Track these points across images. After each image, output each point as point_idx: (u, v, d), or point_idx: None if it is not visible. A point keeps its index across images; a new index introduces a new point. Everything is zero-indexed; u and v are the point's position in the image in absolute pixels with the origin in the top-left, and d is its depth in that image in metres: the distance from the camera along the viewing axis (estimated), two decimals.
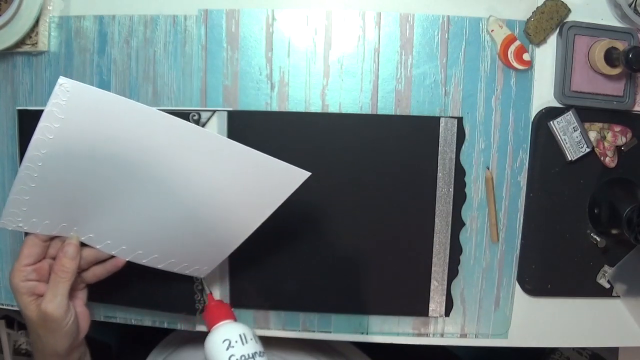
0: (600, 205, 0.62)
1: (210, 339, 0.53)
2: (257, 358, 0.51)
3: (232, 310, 0.57)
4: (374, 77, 0.62)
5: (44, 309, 0.49)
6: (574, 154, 0.61)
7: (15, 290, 0.50)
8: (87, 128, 0.44)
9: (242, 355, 0.51)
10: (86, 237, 0.53)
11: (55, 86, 0.41)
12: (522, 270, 0.64)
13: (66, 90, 0.41)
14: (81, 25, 0.63)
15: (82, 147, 0.45)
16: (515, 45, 0.60)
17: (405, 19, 0.61)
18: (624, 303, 0.66)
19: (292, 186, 0.51)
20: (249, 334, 0.53)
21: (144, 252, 0.55)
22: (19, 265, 0.50)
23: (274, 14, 0.61)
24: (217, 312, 0.56)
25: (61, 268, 0.50)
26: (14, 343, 1.01)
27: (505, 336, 0.66)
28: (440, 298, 0.64)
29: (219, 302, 0.58)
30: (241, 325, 0.54)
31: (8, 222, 0.49)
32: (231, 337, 0.52)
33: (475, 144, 0.62)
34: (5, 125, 0.65)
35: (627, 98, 0.61)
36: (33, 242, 0.51)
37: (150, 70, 0.62)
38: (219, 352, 0.51)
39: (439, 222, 0.63)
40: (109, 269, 0.55)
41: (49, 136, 0.43)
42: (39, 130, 0.43)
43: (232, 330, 0.53)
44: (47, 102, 0.42)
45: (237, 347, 0.51)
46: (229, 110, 0.62)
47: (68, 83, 0.41)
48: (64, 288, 0.50)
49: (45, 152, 0.44)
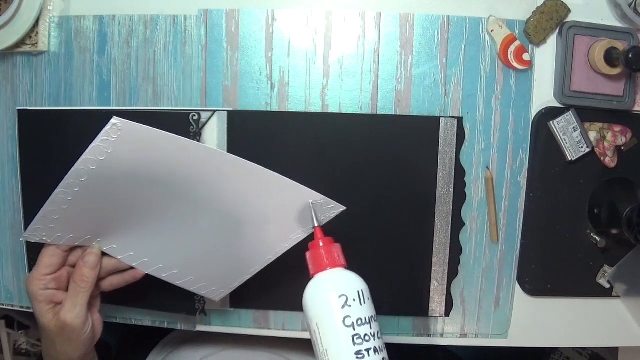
0: (600, 205, 0.62)
1: (320, 289, 0.43)
2: (372, 324, 0.41)
3: (343, 251, 0.46)
4: (374, 77, 0.62)
5: (63, 318, 0.49)
6: (574, 154, 0.61)
7: (33, 298, 0.50)
8: (130, 159, 0.45)
9: (359, 318, 0.41)
10: (108, 248, 0.53)
11: (108, 125, 0.42)
12: (522, 270, 0.64)
13: (118, 129, 0.42)
14: (81, 25, 0.63)
15: (122, 175, 0.46)
16: (515, 45, 0.60)
17: (405, 19, 0.61)
18: (624, 303, 0.66)
19: (324, 219, 0.51)
20: (366, 290, 0.43)
21: (165, 267, 0.55)
22: (37, 274, 0.50)
23: (274, 14, 0.61)
24: (331, 253, 0.44)
25: (81, 277, 0.50)
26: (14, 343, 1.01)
27: (505, 336, 0.66)
28: (440, 298, 0.64)
29: (331, 239, 0.46)
30: (358, 277, 0.44)
31: (31, 236, 0.49)
32: (349, 292, 0.41)
33: (475, 144, 0.62)
34: (5, 125, 0.65)
35: (627, 98, 0.61)
36: (54, 252, 0.51)
37: (150, 70, 0.62)
38: (332, 309, 0.41)
39: (439, 222, 0.63)
40: (127, 279, 0.55)
41: (91, 167, 0.44)
42: (82, 161, 0.44)
43: (350, 283, 0.43)
44: (96, 138, 0.43)
45: (355, 307, 0.41)
46: (229, 110, 0.62)
47: (121, 123, 0.42)
48: (84, 298, 0.50)
49: (84, 180, 0.45)
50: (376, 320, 0.42)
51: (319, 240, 0.46)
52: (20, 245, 0.66)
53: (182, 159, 0.46)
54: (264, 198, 0.49)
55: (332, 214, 0.51)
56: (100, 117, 0.62)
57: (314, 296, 0.42)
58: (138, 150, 0.44)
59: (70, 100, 0.64)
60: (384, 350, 0.41)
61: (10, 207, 0.67)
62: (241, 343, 0.70)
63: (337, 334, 0.40)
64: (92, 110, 0.63)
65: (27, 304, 0.69)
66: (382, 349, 0.41)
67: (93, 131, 0.62)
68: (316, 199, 0.48)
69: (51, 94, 0.64)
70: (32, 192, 0.65)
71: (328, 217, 0.51)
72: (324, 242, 0.45)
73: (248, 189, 0.49)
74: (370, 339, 0.40)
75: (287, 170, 0.61)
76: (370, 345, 0.40)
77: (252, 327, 0.66)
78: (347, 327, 0.40)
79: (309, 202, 0.48)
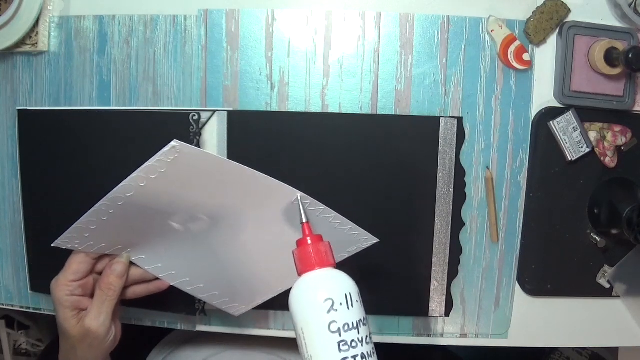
0: (600, 205, 0.62)
1: (305, 292, 0.40)
2: (360, 328, 0.39)
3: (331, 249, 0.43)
4: (374, 77, 0.62)
5: (88, 325, 0.49)
6: (574, 154, 0.61)
7: (58, 303, 0.50)
8: (179, 180, 0.45)
9: (346, 324, 0.38)
10: (137, 258, 0.53)
11: (167, 147, 0.42)
12: (522, 270, 0.64)
13: (176, 152, 0.42)
14: (81, 25, 0.63)
15: (167, 194, 0.45)
16: (515, 45, 0.60)
17: (405, 19, 0.61)
18: (624, 303, 0.66)
19: (355, 249, 0.51)
20: (354, 292, 0.40)
21: (191, 280, 0.55)
22: (65, 279, 0.50)
23: (274, 14, 0.61)
24: (319, 252, 0.42)
25: (108, 286, 0.50)
26: (14, 343, 1.01)
27: (505, 336, 0.66)
28: (440, 298, 0.64)
29: (319, 237, 0.43)
30: (347, 278, 0.41)
31: (63, 243, 0.49)
32: (335, 296, 0.39)
33: (475, 144, 0.62)
34: (5, 125, 0.65)
35: (627, 98, 0.61)
36: (83, 259, 0.51)
37: (150, 70, 0.62)
38: (317, 314, 0.38)
39: (439, 222, 0.63)
40: (152, 289, 0.55)
41: (140, 184, 0.44)
42: (132, 178, 0.43)
43: (337, 285, 0.40)
44: (152, 157, 0.42)
45: (341, 311, 0.38)
46: (229, 110, 0.62)
47: (180, 146, 0.42)
48: (110, 306, 0.50)
49: (130, 195, 0.44)
50: (365, 324, 0.39)
51: (307, 238, 0.43)
52: (20, 245, 0.66)
53: (229, 185, 0.46)
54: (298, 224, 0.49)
55: (364, 245, 0.51)
56: (100, 117, 0.63)
57: (299, 299, 0.40)
58: (189, 173, 0.44)
59: (70, 100, 0.64)
60: (373, 356, 0.39)
61: (10, 207, 0.67)
62: (241, 343, 0.70)
63: (322, 341, 0.38)
64: (92, 110, 0.63)
65: (27, 304, 0.69)
66: (370, 354, 0.39)
67: (93, 131, 0.63)
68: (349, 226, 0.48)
69: (51, 94, 0.64)
70: (32, 192, 0.65)
71: (359, 248, 0.51)
72: (313, 240, 0.42)
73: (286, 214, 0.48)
74: (357, 345, 0.38)
75: (287, 170, 0.61)
76: (357, 351, 0.38)
77: (252, 327, 0.66)
78: (333, 333, 0.38)
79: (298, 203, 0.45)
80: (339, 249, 0.52)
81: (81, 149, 0.63)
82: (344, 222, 0.49)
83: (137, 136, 0.62)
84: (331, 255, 0.42)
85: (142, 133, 0.62)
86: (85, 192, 0.63)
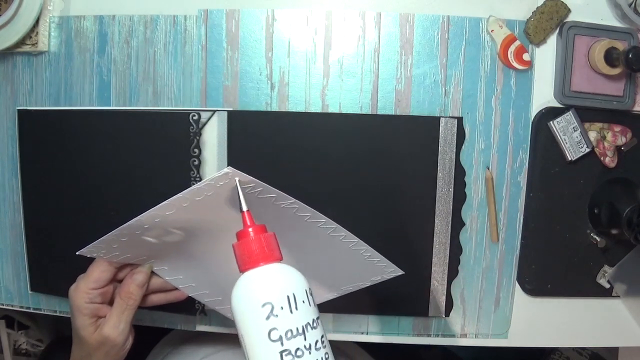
0: (600, 205, 0.62)
1: (243, 294, 0.35)
2: (307, 334, 0.34)
3: (277, 241, 0.38)
4: (374, 77, 0.62)
5: (107, 333, 0.49)
6: (574, 154, 0.61)
7: (77, 310, 0.50)
8: (222, 204, 0.43)
9: (289, 330, 0.34)
10: (160, 269, 0.53)
11: (219, 172, 0.39)
12: (522, 270, 0.64)
13: (227, 178, 0.40)
14: (81, 25, 0.63)
15: (206, 215, 0.44)
16: (515, 45, 0.60)
17: (405, 19, 0.61)
18: (624, 303, 0.66)
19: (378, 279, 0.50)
20: (300, 291, 0.35)
21: (210, 293, 0.55)
22: (85, 287, 0.50)
23: (274, 14, 0.61)
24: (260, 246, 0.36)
25: (129, 295, 0.50)
26: (14, 343, 1.01)
27: (505, 336, 0.66)
28: (440, 298, 0.64)
29: (261, 227, 0.38)
30: (292, 275, 0.36)
31: (89, 252, 0.48)
32: (275, 299, 0.34)
33: (475, 144, 0.62)
34: (5, 125, 0.65)
35: (627, 98, 0.61)
36: (106, 268, 0.50)
37: (150, 70, 0.62)
38: (255, 320, 0.34)
39: (439, 222, 0.63)
40: (170, 299, 0.55)
41: (183, 204, 0.42)
42: (176, 199, 0.42)
43: (278, 286, 0.35)
44: (202, 181, 0.40)
45: (283, 317, 0.34)
46: (229, 110, 0.62)
47: (232, 173, 0.39)
48: (129, 315, 0.51)
49: (170, 214, 0.43)
50: (315, 327, 0.35)
51: (248, 228, 0.37)
52: (20, 245, 0.66)
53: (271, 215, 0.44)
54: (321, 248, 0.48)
55: (387, 276, 0.50)
56: (100, 117, 0.63)
57: (237, 301, 0.35)
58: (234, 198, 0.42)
59: (70, 100, 0.64)
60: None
61: (10, 207, 0.67)
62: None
63: (262, 350, 0.34)
64: (92, 110, 0.63)
65: (27, 304, 0.69)
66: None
67: (93, 131, 0.63)
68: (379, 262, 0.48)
69: (51, 94, 0.64)
70: (32, 192, 0.65)
71: (383, 278, 0.51)
72: (255, 230, 0.37)
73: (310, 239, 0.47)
74: (304, 353, 0.33)
75: (287, 170, 0.61)
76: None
77: None
78: (274, 342, 0.33)
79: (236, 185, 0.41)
80: (364, 277, 0.52)
81: (81, 149, 0.63)
82: (373, 255, 0.48)
83: (137, 136, 0.62)
84: (276, 247, 0.37)
85: (142, 133, 0.62)
86: (85, 192, 0.63)
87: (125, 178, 0.62)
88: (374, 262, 0.49)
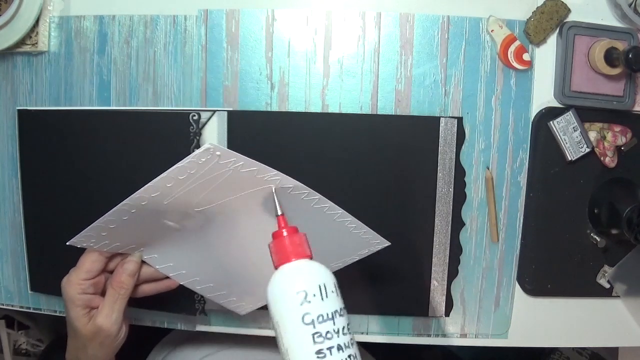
0: (600, 205, 0.62)
1: (279, 284, 0.40)
2: (336, 319, 0.38)
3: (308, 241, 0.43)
4: (374, 77, 0.62)
5: (100, 323, 0.50)
6: (574, 154, 0.61)
7: (70, 301, 0.50)
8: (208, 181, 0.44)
9: (320, 315, 0.38)
10: (149, 257, 0.53)
11: (200, 149, 0.41)
12: (522, 270, 0.64)
13: (209, 154, 0.41)
14: (81, 25, 0.63)
15: (192, 194, 0.45)
16: (515, 45, 0.60)
17: (405, 19, 0.61)
18: (623, 303, 0.66)
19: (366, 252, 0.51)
20: (329, 283, 0.39)
21: (201, 280, 0.55)
22: (77, 278, 0.50)
23: (274, 14, 0.61)
24: (293, 244, 0.41)
25: (120, 284, 0.50)
26: (14, 343, 1.01)
27: (505, 336, 0.66)
28: (440, 298, 0.64)
29: (293, 229, 0.43)
30: (322, 268, 0.40)
31: (79, 242, 0.48)
32: (309, 287, 0.38)
33: (475, 144, 0.62)
34: (5, 125, 0.65)
35: (627, 98, 0.61)
36: (96, 258, 0.50)
37: (150, 70, 0.62)
38: (291, 306, 0.38)
39: (439, 222, 0.63)
40: (161, 288, 0.55)
41: (167, 184, 0.43)
42: (161, 179, 0.42)
43: (311, 276, 0.39)
44: (185, 159, 0.41)
45: (315, 303, 0.38)
46: (229, 110, 0.62)
47: (213, 148, 0.41)
48: (122, 304, 0.51)
49: (155, 195, 0.44)
50: (342, 315, 0.39)
51: (282, 230, 0.42)
52: (20, 245, 0.66)
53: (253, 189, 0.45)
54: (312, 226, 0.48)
55: (375, 249, 0.51)
56: (100, 117, 0.63)
57: (273, 292, 0.40)
58: (217, 175, 0.43)
59: (70, 100, 0.64)
60: (351, 347, 0.39)
61: (10, 207, 0.67)
62: (241, 343, 0.70)
63: (297, 333, 0.38)
64: (92, 110, 0.63)
65: (27, 304, 0.69)
66: (348, 345, 0.38)
67: (93, 131, 0.63)
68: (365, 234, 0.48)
69: (51, 94, 0.64)
70: (32, 192, 0.65)
71: (370, 251, 0.51)
72: (288, 232, 0.42)
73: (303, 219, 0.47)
74: (332, 336, 0.37)
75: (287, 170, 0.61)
76: (332, 343, 0.37)
77: (252, 327, 0.66)
78: (307, 325, 0.37)
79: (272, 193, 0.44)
80: (351, 251, 0.52)
81: (81, 149, 0.63)
82: (359, 226, 0.48)
83: (137, 136, 0.62)
84: (307, 246, 0.42)
85: (142, 133, 0.62)
86: (85, 192, 0.63)
87: (125, 178, 0.62)
88: (360, 234, 0.49)
